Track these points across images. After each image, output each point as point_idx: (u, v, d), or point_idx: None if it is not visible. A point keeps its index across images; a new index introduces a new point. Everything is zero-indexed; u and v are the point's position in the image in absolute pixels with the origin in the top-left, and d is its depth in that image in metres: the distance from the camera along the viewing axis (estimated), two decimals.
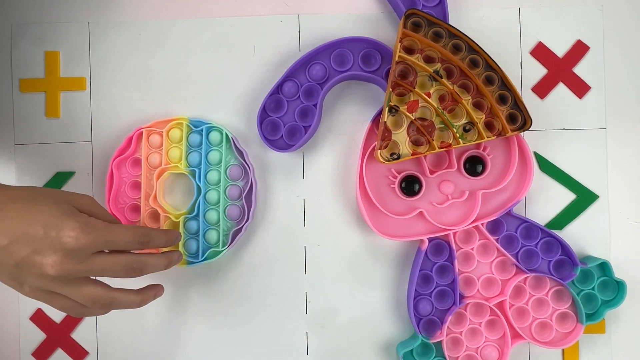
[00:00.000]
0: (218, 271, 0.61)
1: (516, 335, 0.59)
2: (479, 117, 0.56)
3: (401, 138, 0.56)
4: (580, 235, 0.61)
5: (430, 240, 0.59)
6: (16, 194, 0.48)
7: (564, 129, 0.61)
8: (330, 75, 0.58)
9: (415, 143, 0.56)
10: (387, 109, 0.56)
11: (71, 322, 0.62)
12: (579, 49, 0.61)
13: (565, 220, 0.61)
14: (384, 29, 0.61)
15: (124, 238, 0.49)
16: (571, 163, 0.61)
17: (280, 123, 0.59)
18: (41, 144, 0.62)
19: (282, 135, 0.59)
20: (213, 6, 0.62)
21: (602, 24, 0.61)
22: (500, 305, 0.59)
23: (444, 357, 0.58)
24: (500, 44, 0.61)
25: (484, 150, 0.59)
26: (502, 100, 0.56)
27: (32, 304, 0.62)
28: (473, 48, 0.56)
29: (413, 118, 0.56)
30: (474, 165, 0.59)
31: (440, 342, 0.58)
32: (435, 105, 0.56)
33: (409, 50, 0.56)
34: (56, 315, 0.62)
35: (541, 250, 0.59)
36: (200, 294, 0.62)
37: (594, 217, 0.61)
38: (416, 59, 0.55)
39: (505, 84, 0.56)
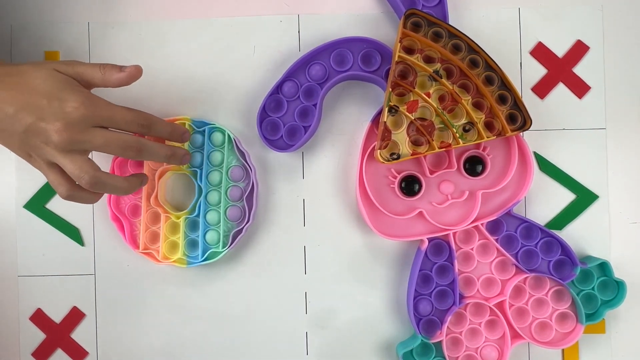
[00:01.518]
0: (218, 271, 0.61)
1: (516, 336, 0.59)
2: (479, 117, 0.56)
3: (401, 138, 0.56)
4: (580, 235, 0.61)
5: (430, 240, 0.59)
6: (12, 68, 0.50)
7: (564, 129, 0.61)
8: (330, 75, 0.58)
9: (415, 143, 0.56)
10: (387, 109, 0.56)
11: (71, 322, 0.62)
12: (579, 49, 0.61)
13: (565, 220, 0.61)
14: (384, 29, 0.61)
15: (124, 117, 0.51)
16: (571, 163, 0.61)
17: (280, 123, 0.59)
18: None
19: (282, 135, 0.59)
20: (213, 6, 0.62)
21: (602, 24, 0.61)
22: (500, 305, 0.59)
23: (444, 357, 0.58)
24: (500, 44, 0.61)
25: (483, 150, 0.59)
26: (502, 100, 0.56)
27: (32, 304, 0.62)
28: (473, 48, 0.56)
29: (413, 118, 0.56)
30: (474, 165, 0.59)
31: (440, 342, 0.58)
32: (435, 105, 0.56)
33: (409, 50, 0.56)
34: (56, 315, 0.62)
35: (541, 251, 0.59)
36: (200, 294, 0.62)
37: (594, 217, 0.61)
38: (416, 59, 0.55)
39: (505, 84, 0.56)
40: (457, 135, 0.56)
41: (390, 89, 0.56)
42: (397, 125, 0.56)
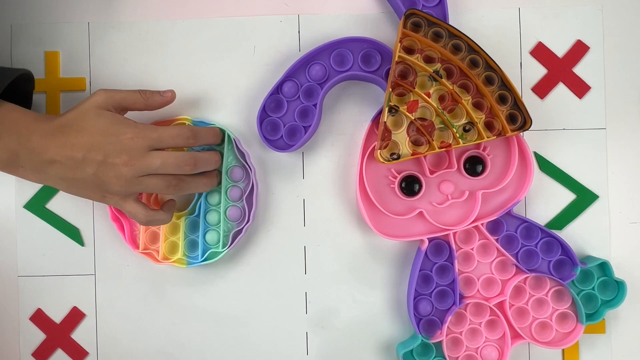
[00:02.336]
0: (218, 271, 0.61)
1: (516, 336, 0.59)
2: (479, 117, 0.56)
3: (401, 138, 0.56)
4: (580, 235, 0.61)
5: (430, 240, 0.59)
6: (64, 119, 0.53)
7: (564, 129, 0.61)
8: (330, 75, 0.58)
9: (415, 143, 0.56)
10: (387, 109, 0.56)
11: (71, 322, 0.62)
12: (579, 49, 0.61)
13: (565, 220, 0.61)
14: (384, 29, 0.61)
15: (170, 133, 0.54)
16: (571, 163, 0.61)
17: (280, 123, 0.59)
18: None
19: (282, 136, 0.59)
20: (213, 6, 0.62)
21: (602, 24, 0.61)
22: (500, 305, 0.59)
23: (444, 357, 0.58)
24: (500, 44, 0.61)
25: (483, 150, 0.59)
26: (502, 100, 0.56)
27: (32, 304, 0.62)
28: (473, 48, 0.56)
29: (413, 118, 0.56)
30: (474, 166, 0.59)
31: (440, 342, 0.58)
32: (435, 105, 0.56)
33: (409, 50, 0.56)
34: (56, 316, 0.62)
35: (541, 251, 0.59)
36: (200, 294, 0.62)
37: (594, 217, 0.61)
38: (416, 59, 0.55)
39: (505, 84, 0.56)
40: (457, 135, 0.56)
41: (390, 89, 0.56)
42: (397, 125, 0.56)
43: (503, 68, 0.56)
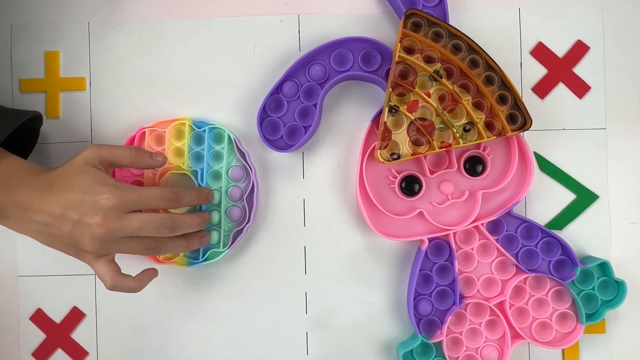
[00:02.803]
0: (218, 271, 0.61)
1: (516, 336, 0.59)
2: (479, 117, 0.56)
3: (401, 138, 0.56)
4: (580, 235, 0.61)
5: (430, 240, 0.59)
6: (53, 174, 0.53)
7: (564, 129, 0.61)
8: (330, 75, 0.58)
9: (415, 143, 0.56)
10: (387, 109, 0.56)
11: (71, 322, 0.62)
12: (579, 49, 0.61)
13: (565, 220, 0.61)
14: (384, 29, 0.61)
15: (151, 194, 0.53)
16: (571, 163, 0.61)
17: (280, 123, 0.59)
18: (41, 144, 0.61)
19: (282, 136, 0.59)
20: (213, 6, 0.62)
21: (602, 24, 0.61)
22: (500, 305, 0.59)
23: (444, 357, 0.58)
24: (500, 44, 0.61)
25: (484, 150, 0.59)
26: (502, 100, 0.56)
27: (32, 304, 0.62)
28: (473, 48, 0.56)
29: (413, 118, 0.56)
30: (474, 166, 0.59)
31: (440, 342, 0.58)
32: (435, 105, 0.56)
33: (409, 50, 0.56)
34: (56, 316, 0.62)
35: (541, 251, 0.59)
36: (200, 294, 0.62)
37: (594, 217, 0.61)
38: (416, 59, 0.55)
39: (505, 84, 0.56)
40: (458, 135, 0.56)
41: (391, 89, 0.56)
42: (398, 125, 0.56)
43: (503, 68, 0.56)
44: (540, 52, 0.61)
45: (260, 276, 0.61)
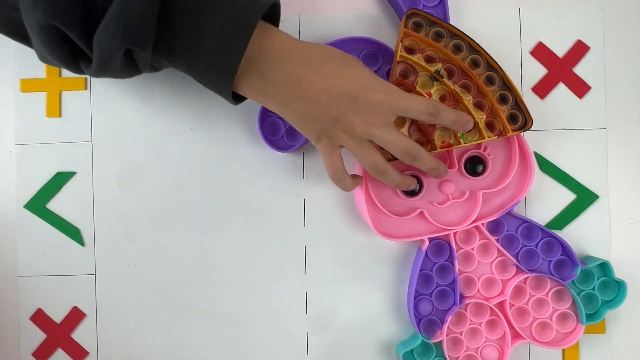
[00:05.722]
0: (218, 271, 0.61)
1: (516, 336, 0.59)
2: (480, 117, 0.56)
3: None
4: (580, 236, 0.61)
5: (430, 240, 0.59)
6: (322, 52, 0.52)
7: (564, 129, 0.61)
8: None
9: (417, 142, 0.56)
10: None
11: (71, 322, 0.62)
12: (579, 49, 0.61)
13: (566, 220, 0.61)
14: (384, 29, 0.61)
15: (417, 106, 0.52)
16: (571, 163, 0.61)
17: (281, 123, 0.59)
18: (41, 144, 0.61)
19: (282, 136, 0.59)
20: None
21: (602, 24, 0.61)
22: (501, 305, 0.59)
23: (444, 357, 0.58)
24: (500, 44, 0.61)
25: (484, 150, 0.59)
26: (503, 100, 0.56)
27: (32, 304, 0.62)
28: (474, 48, 0.55)
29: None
30: (475, 166, 0.59)
31: (441, 342, 0.59)
32: None
33: (410, 50, 0.56)
34: (56, 316, 0.62)
35: (541, 251, 0.59)
36: (200, 294, 0.62)
37: (594, 217, 0.61)
38: (417, 59, 0.55)
39: (506, 84, 0.56)
40: (459, 135, 0.56)
41: None
42: (399, 125, 0.56)
43: (503, 68, 0.56)
44: (540, 52, 0.61)
45: (260, 276, 0.61)
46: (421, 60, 0.56)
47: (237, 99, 0.53)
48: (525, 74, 0.61)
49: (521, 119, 0.56)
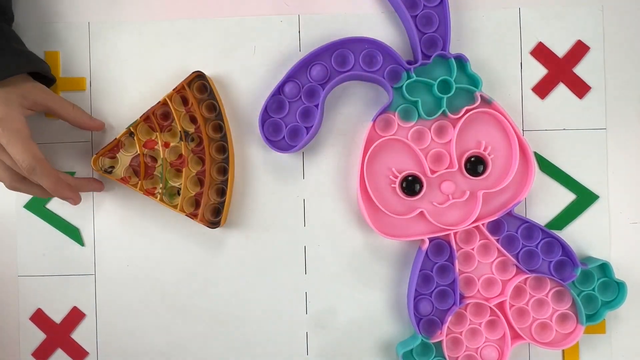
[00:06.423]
0: (218, 271, 0.61)
1: (516, 336, 0.59)
2: (192, 192, 0.59)
3: (124, 161, 0.59)
4: (580, 236, 0.61)
5: (430, 240, 0.59)
6: None
7: (564, 129, 0.61)
8: (331, 76, 0.58)
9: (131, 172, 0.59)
10: (128, 131, 0.59)
11: (71, 322, 0.62)
12: (579, 49, 0.61)
13: (566, 221, 0.61)
14: (384, 29, 0.61)
15: (21, 156, 0.53)
16: (571, 163, 0.61)
17: (282, 124, 0.59)
18: (41, 144, 0.61)
19: (283, 136, 0.59)
20: (213, 6, 0.62)
21: (602, 24, 0.61)
22: (501, 305, 0.59)
23: (444, 357, 0.58)
24: (501, 44, 0.61)
25: (484, 150, 0.59)
26: (220, 193, 0.59)
27: (32, 304, 0.62)
28: (227, 138, 0.59)
29: (143, 153, 0.59)
30: (475, 166, 0.59)
31: (440, 342, 0.59)
32: (166, 158, 0.59)
33: (185, 101, 0.59)
34: (56, 316, 0.62)
35: (542, 251, 0.59)
36: (200, 294, 0.62)
37: (594, 217, 0.61)
38: (180, 112, 0.59)
39: (225, 182, 0.59)
40: (162, 192, 0.58)
41: (142, 119, 0.59)
42: (128, 149, 0.59)
43: (503, 68, 0.56)
44: (541, 52, 0.61)
45: (260, 276, 0.61)
46: (182, 116, 0.59)
47: None
48: (525, 74, 0.61)
49: (220, 217, 0.59)
